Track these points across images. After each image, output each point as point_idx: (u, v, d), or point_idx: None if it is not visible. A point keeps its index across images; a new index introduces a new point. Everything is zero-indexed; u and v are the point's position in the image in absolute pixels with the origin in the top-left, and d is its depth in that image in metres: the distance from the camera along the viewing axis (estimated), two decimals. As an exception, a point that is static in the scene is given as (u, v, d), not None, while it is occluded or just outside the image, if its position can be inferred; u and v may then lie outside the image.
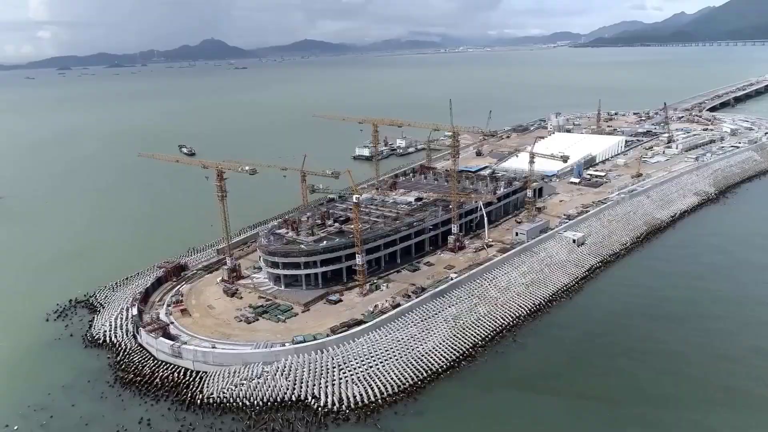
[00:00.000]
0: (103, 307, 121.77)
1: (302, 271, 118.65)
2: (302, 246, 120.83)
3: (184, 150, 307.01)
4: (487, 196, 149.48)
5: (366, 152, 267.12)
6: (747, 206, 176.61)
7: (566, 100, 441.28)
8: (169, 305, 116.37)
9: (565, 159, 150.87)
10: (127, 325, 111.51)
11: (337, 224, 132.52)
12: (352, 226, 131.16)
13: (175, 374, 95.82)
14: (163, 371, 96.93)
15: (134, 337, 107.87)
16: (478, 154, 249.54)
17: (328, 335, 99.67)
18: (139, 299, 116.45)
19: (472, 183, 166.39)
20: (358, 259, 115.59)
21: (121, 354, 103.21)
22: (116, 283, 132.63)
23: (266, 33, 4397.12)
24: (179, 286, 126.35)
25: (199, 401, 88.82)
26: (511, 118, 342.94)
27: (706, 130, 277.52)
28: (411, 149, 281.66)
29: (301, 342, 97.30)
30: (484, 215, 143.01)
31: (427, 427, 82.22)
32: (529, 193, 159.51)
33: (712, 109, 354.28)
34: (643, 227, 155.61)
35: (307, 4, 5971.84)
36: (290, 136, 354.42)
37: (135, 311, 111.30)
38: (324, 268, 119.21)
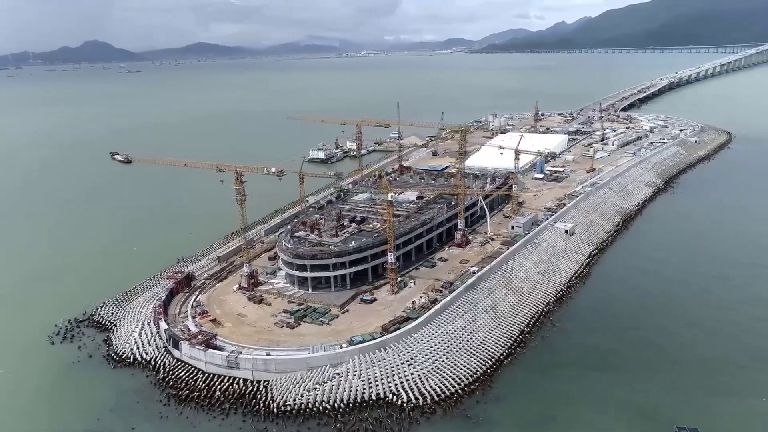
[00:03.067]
0: (116, 325, 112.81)
1: (332, 273, 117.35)
2: (332, 247, 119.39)
3: (118, 157, 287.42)
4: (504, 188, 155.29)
5: (321, 155, 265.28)
6: (692, 194, 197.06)
7: (484, 102, 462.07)
8: (194, 317, 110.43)
9: (552, 155, 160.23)
10: (155, 340, 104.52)
11: (354, 224, 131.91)
12: (371, 226, 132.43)
13: (234, 386, 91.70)
14: (219, 384, 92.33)
15: (167, 351, 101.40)
16: (434, 154, 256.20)
17: (382, 334, 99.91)
18: (161, 312, 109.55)
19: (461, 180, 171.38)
20: (391, 257, 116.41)
21: (162, 371, 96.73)
22: (116, 298, 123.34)
23: (155, 35, 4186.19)
24: (193, 296, 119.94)
25: (275, 410, 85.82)
26: (448, 120, 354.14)
27: (628, 128, 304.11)
28: (363, 151, 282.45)
29: (361, 342, 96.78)
30: (486, 209, 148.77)
31: (510, 411, 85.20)
32: (515, 187, 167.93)
33: (623, 110, 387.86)
34: (617, 216, 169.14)
35: (199, 6, 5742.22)
36: (236, 138, 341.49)
37: (165, 325, 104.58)
38: (354, 269, 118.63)
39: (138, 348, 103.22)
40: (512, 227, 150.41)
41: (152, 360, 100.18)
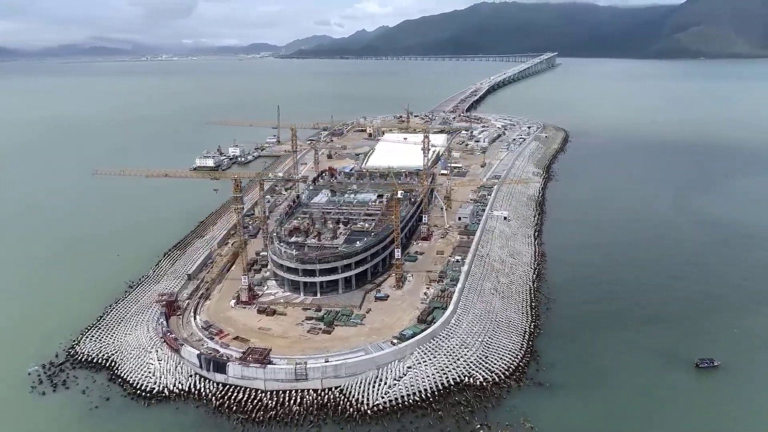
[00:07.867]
0: (115, 361, 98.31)
1: (340, 275, 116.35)
2: (341, 249, 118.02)
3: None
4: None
5: (210, 162, 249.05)
6: (572, 177, 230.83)
7: (333, 107, 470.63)
8: (211, 338, 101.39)
9: (484, 150, 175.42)
10: (182, 368, 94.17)
11: (341, 225, 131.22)
12: (358, 226, 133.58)
13: (308, 397, 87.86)
14: (287, 399, 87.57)
15: (201, 377, 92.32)
16: (329, 156, 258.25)
17: (426, 326, 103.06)
18: (176, 338, 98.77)
19: (400, 178, 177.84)
20: (397, 253, 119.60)
21: (213, 399, 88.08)
22: (86, 332, 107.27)
23: None
24: (189, 318, 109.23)
25: (370, 412, 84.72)
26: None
27: (485, 127, 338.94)
28: (250, 157, 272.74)
29: (412, 336, 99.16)
30: (442, 203, 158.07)
31: (568, 374, 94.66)
32: (446, 183, 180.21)
33: (467, 110, 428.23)
34: (531, 203, 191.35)
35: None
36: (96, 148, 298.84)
37: (194, 350, 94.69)
38: (359, 269, 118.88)
39: (167, 379, 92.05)
40: (459, 218, 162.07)
41: (192, 389, 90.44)
